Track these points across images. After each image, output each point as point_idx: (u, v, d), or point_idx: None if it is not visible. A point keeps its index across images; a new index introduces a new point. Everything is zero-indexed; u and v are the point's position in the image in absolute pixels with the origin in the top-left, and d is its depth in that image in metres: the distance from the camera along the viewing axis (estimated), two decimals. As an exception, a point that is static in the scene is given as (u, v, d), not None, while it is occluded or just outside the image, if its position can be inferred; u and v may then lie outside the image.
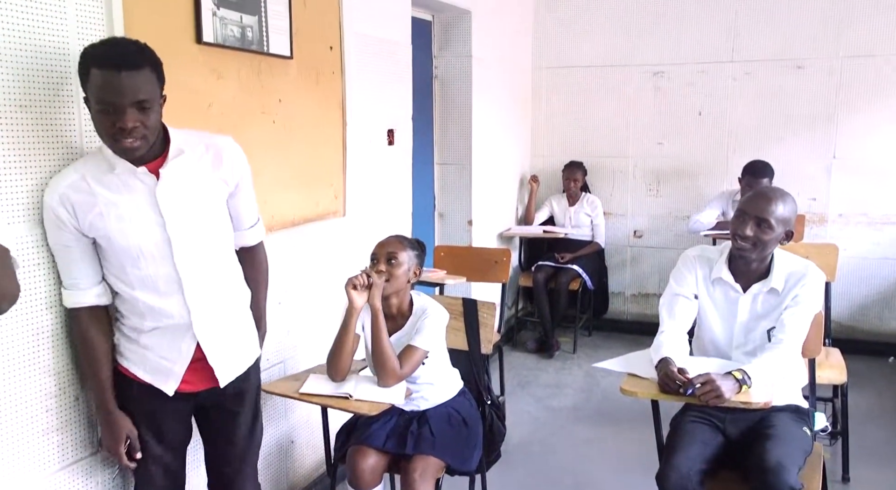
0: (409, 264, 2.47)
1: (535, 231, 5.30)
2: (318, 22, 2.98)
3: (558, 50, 5.56)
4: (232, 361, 1.95)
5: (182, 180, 1.78)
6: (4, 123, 1.75)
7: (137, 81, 1.60)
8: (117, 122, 1.60)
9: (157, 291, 1.79)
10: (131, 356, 1.87)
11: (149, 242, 1.75)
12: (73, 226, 1.72)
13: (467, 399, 2.63)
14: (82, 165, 1.75)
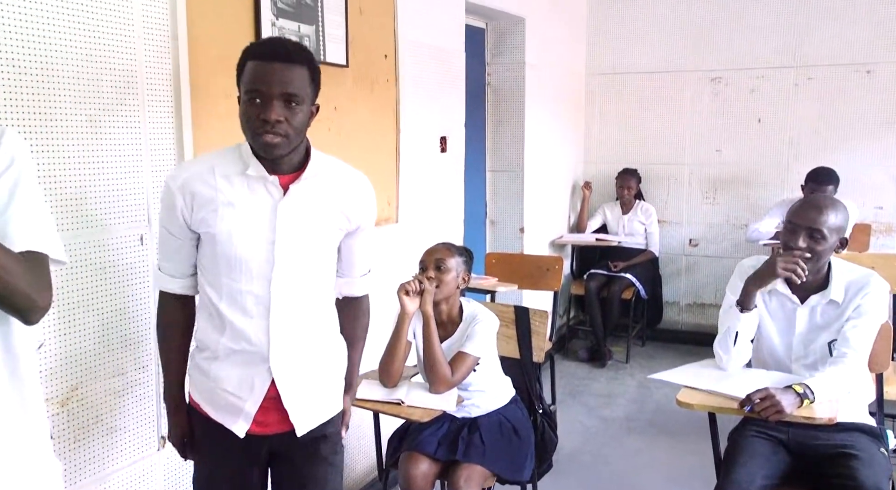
0: (457, 270, 2.47)
1: (587, 239, 5.25)
2: (374, 31, 3.01)
3: (612, 56, 5.50)
4: (309, 407, 1.73)
5: (307, 203, 1.65)
6: (72, 133, 1.82)
7: (288, 74, 1.53)
8: (262, 114, 1.52)
9: (244, 310, 1.64)
10: (202, 389, 1.72)
11: (252, 256, 1.62)
12: (184, 217, 1.63)
13: (519, 407, 2.62)
14: (216, 157, 1.66)
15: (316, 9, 2.62)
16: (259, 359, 1.66)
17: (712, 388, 2.22)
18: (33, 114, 1.73)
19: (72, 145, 1.82)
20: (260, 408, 1.68)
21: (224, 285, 1.64)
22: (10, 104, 1.68)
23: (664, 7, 5.31)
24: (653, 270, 5.31)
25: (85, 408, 1.91)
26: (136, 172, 2.00)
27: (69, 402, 1.88)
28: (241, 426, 1.68)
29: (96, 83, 1.87)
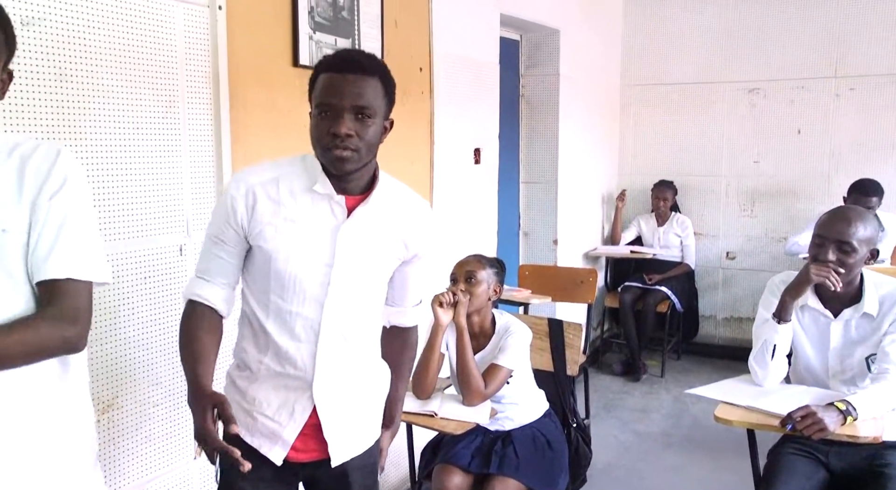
0: (488, 282, 2.47)
1: (622, 251, 5.20)
2: (409, 43, 3.04)
3: (648, 66, 5.47)
4: (349, 437, 1.65)
5: (369, 227, 1.57)
6: (115, 145, 1.86)
7: (361, 86, 1.46)
8: (332, 127, 1.44)
9: (292, 332, 1.56)
10: (237, 410, 1.58)
11: (307, 278, 1.53)
12: (242, 225, 1.53)
13: (552, 421, 2.59)
14: (284, 167, 1.57)
15: (352, 22, 2.65)
16: (303, 384, 1.58)
17: (751, 405, 2.18)
18: (77, 125, 1.77)
19: (114, 156, 1.86)
20: (299, 435, 1.60)
21: (272, 304, 1.55)
22: (55, 115, 1.72)
23: (701, 17, 5.27)
24: (689, 283, 5.24)
25: (124, 416, 1.94)
26: (175, 183, 2.04)
27: (109, 411, 1.91)
28: (279, 453, 1.60)
29: (139, 95, 1.91)
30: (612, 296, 5.22)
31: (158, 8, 1.93)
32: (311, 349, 1.56)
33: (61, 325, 1.22)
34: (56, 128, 1.72)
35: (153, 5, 1.92)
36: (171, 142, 2.02)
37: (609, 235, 5.44)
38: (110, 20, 1.82)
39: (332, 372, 1.58)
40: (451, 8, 3.32)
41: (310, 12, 2.45)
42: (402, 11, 2.97)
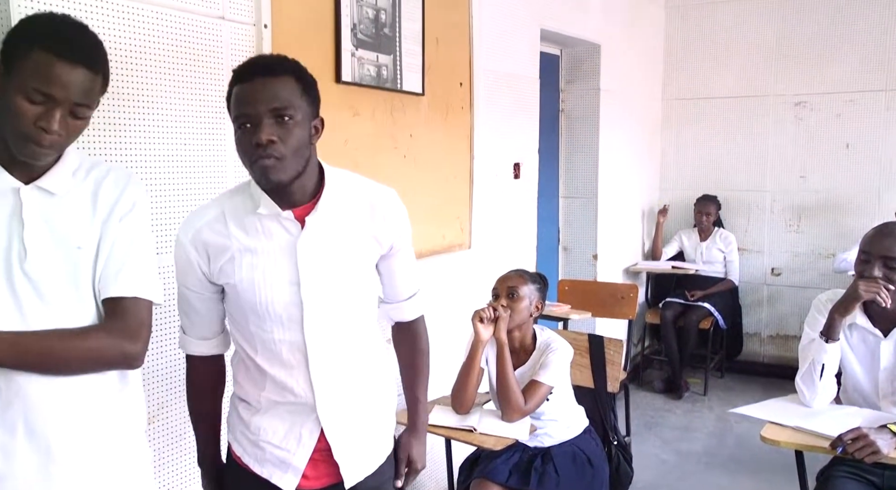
0: (530, 298, 2.45)
1: (663, 266, 5.13)
2: (450, 59, 3.06)
3: (690, 80, 5.41)
4: (360, 456, 1.58)
5: (329, 233, 1.49)
6: (165, 160, 1.91)
7: (272, 88, 1.37)
8: (253, 138, 1.36)
9: (281, 361, 1.50)
10: (243, 442, 1.58)
11: (279, 302, 1.47)
12: (202, 270, 1.49)
13: (593, 438, 2.56)
14: (226, 200, 1.52)
15: (394, 39, 2.68)
16: (306, 409, 1.52)
17: (800, 425, 2.12)
18: (127, 142, 1.82)
19: (162, 172, 1.91)
20: (309, 461, 1.54)
21: (255, 337, 1.50)
22: (107, 132, 1.77)
23: (745, 30, 5.20)
24: (732, 300, 5.14)
25: (169, 426, 1.98)
26: (220, 198, 2.07)
27: (155, 421, 1.94)
28: (291, 481, 1.54)
29: (187, 112, 1.96)
30: (653, 312, 5.15)
31: (206, 27, 1.98)
32: (305, 373, 1.50)
33: (123, 340, 1.30)
34: (108, 144, 1.77)
35: (201, 24, 1.97)
36: (218, 158, 2.06)
37: (650, 251, 5.37)
38: (160, 39, 1.87)
39: (332, 391, 1.52)
40: (492, 24, 3.34)
41: (352, 29, 2.49)
42: (444, 28, 2.99)
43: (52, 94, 1.18)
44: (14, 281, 1.23)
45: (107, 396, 1.34)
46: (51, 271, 1.26)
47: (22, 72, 1.18)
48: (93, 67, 1.23)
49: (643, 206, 5.37)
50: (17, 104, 1.18)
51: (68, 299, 1.28)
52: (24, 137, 1.19)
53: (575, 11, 4.17)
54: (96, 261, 1.30)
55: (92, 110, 1.27)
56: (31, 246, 1.24)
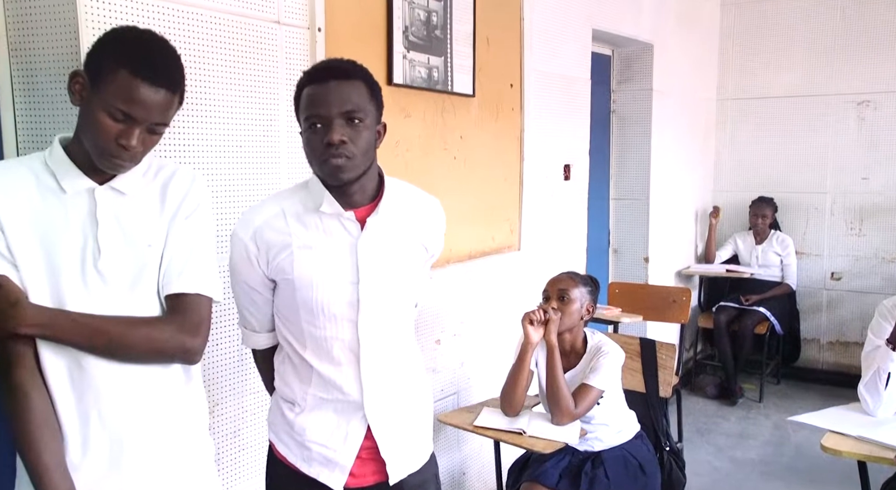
0: (581, 301, 2.42)
1: (717, 270, 5.02)
2: (501, 60, 3.05)
3: (746, 79, 5.29)
4: (405, 454, 1.60)
5: (387, 235, 1.53)
6: (221, 161, 1.95)
7: (346, 91, 1.42)
8: (325, 137, 1.41)
9: (331, 358, 1.52)
10: (288, 442, 1.60)
11: (335, 300, 1.49)
12: (260, 266, 1.51)
13: (644, 443, 2.52)
14: (285, 198, 1.55)
15: (445, 41, 2.69)
16: (353, 407, 1.54)
17: (863, 435, 2.05)
18: (186, 143, 1.86)
19: (218, 173, 1.95)
20: (356, 459, 1.55)
21: (306, 333, 1.52)
22: (172, 132, 1.81)
23: (804, 27, 5.06)
24: (789, 305, 5.00)
25: (224, 424, 2.02)
26: (274, 199, 2.10)
27: (210, 417, 1.98)
28: (339, 479, 1.55)
29: (242, 115, 1.99)
30: (706, 316, 5.05)
31: (262, 31, 2.02)
32: (355, 371, 1.52)
33: (184, 334, 1.35)
34: (170, 145, 1.81)
35: (258, 28, 2.01)
36: (271, 159, 2.09)
37: (703, 254, 5.27)
38: (217, 43, 1.91)
39: (380, 389, 1.55)
40: (544, 25, 3.32)
41: (404, 32, 2.50)
42: (495, 29, 2.99)
43: (133, 114, 1.24)
44: (87, 278, 1.29)
45: (172, 390, 1.39)
46: (122, 269, 1.32)
47: (107, 90, 1.23)
48: (172, 88, 1.28)
49: (696, 208, 5.27)
50: (99, 120, 1.24)
51: (137, 295, 1.33)
52: (105, 152, 1.26)
53: (627, 11, 4.12)
54: (162, 258, 1.35)
55: (167, 126, 1.32)
56: (105, 244, 1.30)
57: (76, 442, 1.29)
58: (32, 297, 1.26)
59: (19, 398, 1.25)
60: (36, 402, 1.25)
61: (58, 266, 1.27)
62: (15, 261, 1.25)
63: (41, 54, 1.65)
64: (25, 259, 1.26)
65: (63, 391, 1.28)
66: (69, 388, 1.28)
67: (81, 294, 1.29)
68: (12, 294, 1.23)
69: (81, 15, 1.59)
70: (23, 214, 1.27)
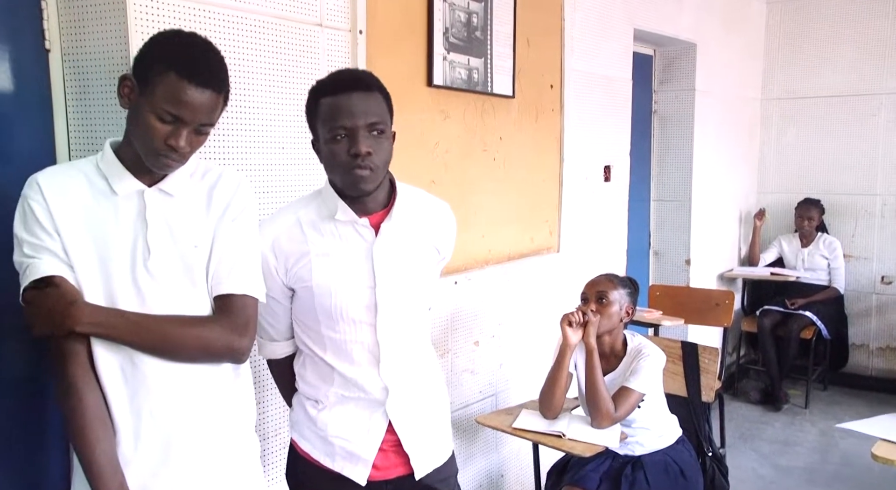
0: (620, 303, 2.40)
1: (761, 273, 4.93)
2: (541, 61, 3.04)
3: (792, 79, 5.18)
4: (428, 448, 1.64)
5: (400, 240, 1.57)
6: (265, 162, 1.98)
7: (368, 104, 1.46)
8: (351, 149, 1.44)
9: (351, 360, 1.56)
10: (312, 439, 1.63)
11: (353, 304, 1.53)
12: (280, 276, 1.55)
13: (686, 448, 2.48)
14: (300, 207, 1.59)
15: (485, 42, 2.69)
16: (374, 404, 1.58)
17: (914, 443, 1.99)
18: (229, 145, 1.89)
19: (263, 174, 1.98)
20: (378, 452, 1.59)
21: (326, 338, 1.56)
22: (216, 134, 1.84)
23: (852, 24, 4.93)
24: (837, 309, 4.87)
25: (266, 421, 2.04)
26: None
27: (251, 414, 2.01)
28: (362, 472, 1.59)
29: (284, 117, 2.02)
30: (750, 320, 4.95)
31: (305, 34, 2.04)
32: (374, 371, 1.56)
33: (231, 334, 1.38)
34: (214, 147, 1.84)
35: (299, 31, 2.03)
36: (312, 161, 2.10)
37: (746, 256, 5.17)
38: (260, 46, 1.93)
39: (400, 387, 1.58)
40: (584, 25, 3.30)
41: (444, 33, 2.51)
42: (535, 30, 2.98)
43: (181, 115, 1.27)
44: (138, 278, 1.33)
45: (222, 388, 1.42)
46: (170, 269, 1.35)
47: (155, 93, 1.27)
48: (218, 89, 1.32)
49: (739, 209, 5.17)
50: (149, 122, 1.27)
51: (185, 295, 1.36)
52: (155, 153, 1.29)
53: (670, 10, 4.06)
54: (210, 259, 1.38)
55: (213, 126, 1.35)
56: (154, 245, 1.33)
57: (129, 437, 1.33)
58: (87, 297, 1.30)
59: (73, 395, 1.28)
60: (89, 398, 1.29)
61: (110, 266, 1.31)
62: (70, 262, 1.29)
63: (92, 59, 1.69)
64: (80, 260, 1.30)
65: (116, 388, 1.32)
66: (122, 385, 1.32)
67: (132, 293, 1.32)
68: (69, 294, 1.27)
69: (131, 21, 1.63)
70: (77, 216, 1.30)
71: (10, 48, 1.64)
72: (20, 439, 1.68)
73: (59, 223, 1.29)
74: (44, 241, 1.28)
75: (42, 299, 1.26)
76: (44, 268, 1.27)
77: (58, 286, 1.27)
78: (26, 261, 1.28)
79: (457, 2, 2.56)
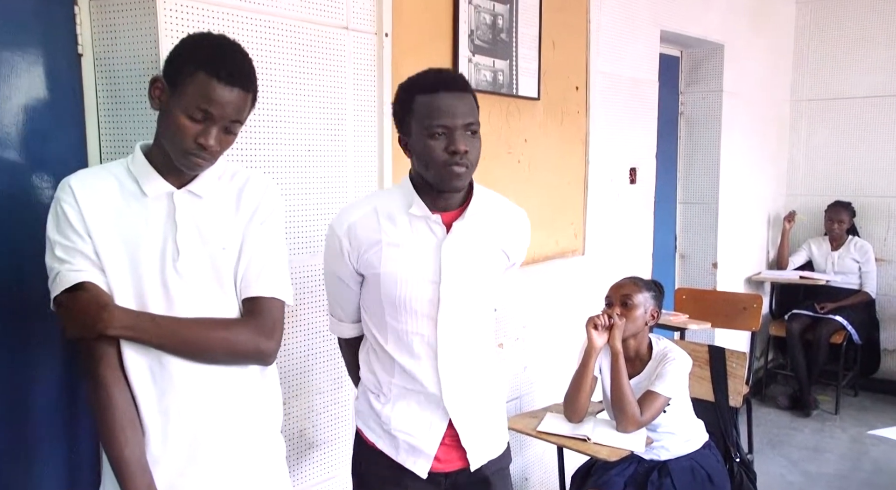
0: (645, 306, 2.38)
1: (790, 276, 4.86)
2: (566, 63, 3.03)
3: (822, 80, 5.11)
4: (484, 443, 1.69)
5: (470, 239, 1.60)
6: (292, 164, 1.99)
7: (466, 104, 1.51)
8: (450, 146, 1.48)
9: (411, 352, 1.60)
10: (375, 429, 1.68)
11: (417, 296, 1.57)
12: (352, 259, 1.61)
13: (713, 453, 2.45)
14: (377, 198, 1.65)
15: (510, 44, 2.69)
16: (433, 399, 1.62)
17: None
18: (256, 147, 1.91)
19: (287, 176, 1.99)
20: (440, 446, 1.64)
21: (388, 326, 1.61)
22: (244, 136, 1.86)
23: (883, 24, 4.85)
24: (868, 313, 4.79)
25: (291, 423, 2.06)
26: (341, 202, 2.14)
27: (277, 414, 2.03)
28: (423, 466, 1.63)
29: (311, 119, 2.03)
30: (778, 324, 4.88)
31: (331, 37, 2.06)
32: (433, 364, 1.60)
33: (259, 336, 1.39)
34: (240, 149, 1.86)
35: (326, 34, 2.04)
36: (338, 163, 2.13)
37: (775, 259, 5.10)
38: (287, 49, 1.95)
39: (457, 383, 1.62)
40: (611, 27, 3.28)
41: (469, 35, 2.51)
42: (561, 32, 2.97)
43: (210, 113, 1.29)
44: (167, 279, 1.34)
45: (248, 389, 1.43)
46: (199, 270, 1.36)
47: (185, 92, 1.29)
48: (246, 88, 1.33)
49: (768, 212, 5.11)
50: (179, 121, 1.29)
51: (213, 296, 1.38)
52: (185, 152, 1.31)
53: (698, 11, 4.03)
54: (238, 261, 1.40)
55: (242, 125, 1.36)
56: (184, 246, 1.35)
57: (157, 437, 1.34)
58: (118, 298, 1.32)
59: (102, 395, 1.30)
60: (118, 398, 1.31)
61: (140, 267, 1.33)
62: (102, 264, 1.31)
63: (123, 64, 1.72)
64: (111, 262, 1.32)
65: (145, 388, 1.34)
66: (151, 386, 1.34)
67: (161, 293, 1.34)
68: (100, 298, 1.30)
69: (161, 25, 1.66)
70: (108, 219, 1.32)
71: (44, 53, 1.68)
72: (54, 439, 1.71)
73: (91, 226, 1.31)
74: (76, 244, 1.30)
75: (74, 303, 1.29)
76: (75, 275, 1.29)
77: (89, 290, 1.30)
78: (57, 266, 1.30)
79: (482, 4, 2.56)
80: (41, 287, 1.34)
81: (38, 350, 1.67)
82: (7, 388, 1.63)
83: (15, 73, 1.62)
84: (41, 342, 1.66)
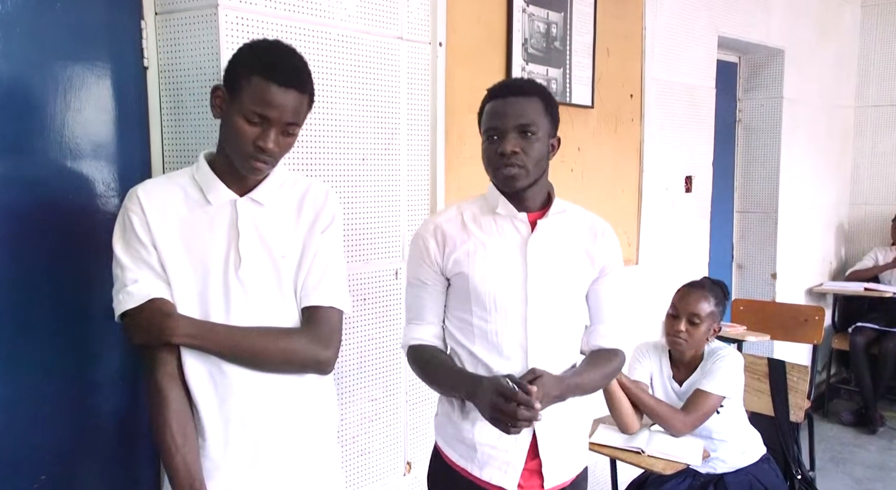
0: (709, 322, 2.30)
1: (854, 288, 4.69)
2: (621, 71, 3.00)
3: (888, 85, 4.94)
4: (562, 459, 1.63)
5: (555, 238, 1.61)
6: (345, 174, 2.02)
7: (521, 107, 1.53)
8: (499, 148, 1.52)
9: (500, 352, 1.57)
10: (457, 446, 1.63)
11: (505, 294, 1.56)
12: (437, 261, 1.61)
13: (772, 468, 2.38)
14: (465, 204, 1.67)
15: (564, 52, 2.68)
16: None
17: None
18: (311, 155, 1.95)
19: (345, 184, 2.02)
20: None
21: (476, 328, 1.58)
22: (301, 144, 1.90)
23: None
24: (938, 327, 4.59)
25: (344, 429, 2.07)
26: (393, 211, 2.16)
27: (330, 420, 2.05)
28: (512, 478, 1.58)
29: (365, 128, 2.06)
30: (841, 337, 4.72)
31: (386, 47, 2.08)
32: (523, 366, 1.55)
33: (317, 346, 1.41)
34: (296, 158, 1.90)
35: (381, 45, 2.07)
36: (391, 172, 2.15)
37: (836, 270, 4.93)
38: (343, 59, 1.98)
39: None
40: (667, 33, 3.24)
41: (523, 44, 2.51)
42: (615, 39, 2.94)
43: (267, 115, 1.31)
44: (229, 285, 1.37)
45: (306, 397, 1.45)
46: (260, 278, 1.39)
47: (242, 97, 1.32)
48: (302, 89, 1.35)
49: (830, 222, 4.95)
50: (238, 126, 1.32)
51: (272, 303, 1.40)
52: (246, 155, 1.34)
53: (758, 17, 3.94)
54: (298, 269, 1.42)
55: (300, 127, 1.39)
56: (246, 254, 1.38)
57: (218, 442, 1.37)
58: (181, 306, 1.35)
59: (160, 401, 1.34)
60: (174, 404, 1.33)
61: (204, 275, 1.36)
62: (166, 273, 1.34)
63: (186, 75, 1.77)
64: (175, 271, 1.35)
65: (206, 395, 1.36)
66: (212, 392, 1.36)
67: (223, 301, 1.37)
68: (165, 307, 1.33)
69: (223, 37, 1.70)
70: (173, 228, 1.36)
71: (112, 67, 1.74)
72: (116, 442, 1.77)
73: (157, 235, 1.34)
74: (140, 254, 1.34)
75: (139, 312, 1.32)
76: (139, 294, 1.32)
77: (153, 300, 1.33)
78: (123, 275, 1.34)
79: (536, 13, 2.55)
80: (107, 295, 1.38)
81: (103, 355, 1.73)
82: (74, 390, 1.69)
83: (85, 85, 1.69)
84: (107, 347, 1.72)
